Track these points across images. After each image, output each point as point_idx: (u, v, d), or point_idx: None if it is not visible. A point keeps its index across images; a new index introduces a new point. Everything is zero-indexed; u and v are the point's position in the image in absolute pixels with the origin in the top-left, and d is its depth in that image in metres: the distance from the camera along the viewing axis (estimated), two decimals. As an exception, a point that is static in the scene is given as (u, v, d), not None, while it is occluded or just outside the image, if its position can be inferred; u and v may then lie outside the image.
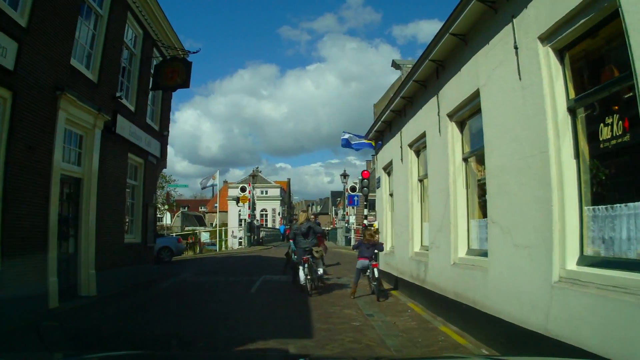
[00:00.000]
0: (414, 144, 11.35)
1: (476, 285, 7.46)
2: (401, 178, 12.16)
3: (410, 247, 11.29)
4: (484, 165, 7.84)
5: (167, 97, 17.61)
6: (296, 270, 13.36)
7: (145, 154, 15.52)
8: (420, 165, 11.40)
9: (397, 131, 12.59)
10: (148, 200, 15.81)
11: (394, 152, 12.87)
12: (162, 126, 17.17)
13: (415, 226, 11.26)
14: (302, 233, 12.03)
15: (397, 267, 12.48)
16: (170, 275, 16.28)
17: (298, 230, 12.19)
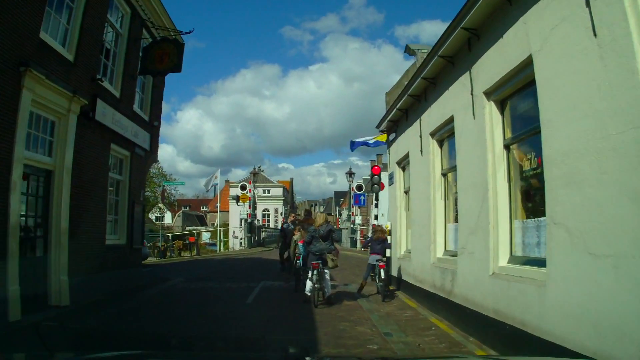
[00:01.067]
0: (437, 132, 9.78)
1: (527, 302, 5.91)
2: (421, 172, 10.58)
3: (432, 251, 9.71)
4: (534, 152, 6.31)
5: (158, 83, 16.05)
6: (299, 277, 11.83)
7: (131, 146, 13.98)
8: (444, 156, 9.83)
9: (415, 119, 11.01)
10: (135, 197, 14.26)
11: (412, 143, 11.30)
12: (153, 116, 15.62)
13: (438, 227, 9.68)
14: (320, 236, 10.49)
15: (414, 274, 10.91)
16: (160, 281, 14.73)
17: (315, 233, 10.58)
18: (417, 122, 10.74)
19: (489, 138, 7.22)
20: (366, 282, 12.04)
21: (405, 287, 11.60)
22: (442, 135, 9.65)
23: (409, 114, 11.63)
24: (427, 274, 9.94)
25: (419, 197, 10.64)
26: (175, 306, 10.48)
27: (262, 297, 11.38)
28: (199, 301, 10.95)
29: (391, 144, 13.77)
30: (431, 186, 9.83)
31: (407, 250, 12.37)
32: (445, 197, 9.71)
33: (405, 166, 12.69)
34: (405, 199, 12.77)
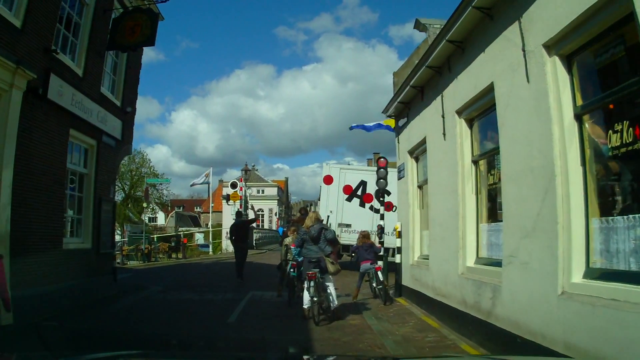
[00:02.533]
0: (466, 109, 7.81)
1: (627, 338, 3.97)
2: (443, 161, 8.60)
3: (460, 259, 7.73)
4: (626, 120, 4.40)
5: (133, 64, 14.02)
6: (292, 288, 9.87)
7: (98, 134, 11.96)
8: (475, 139, 7.86)
9: (434, 96, 9.04)
10: (103, 194, 12.23)
11: (430, 126, 9.33)
12: (126, 101, 13.58)
13: (468, 229, 7.70)
14: (310, 238, 8.90)
15: (434, 286, 8.93)
16: (134, 290, 12.72)
17: (306, 235, 8.97)
18: (438, 99, 8.77)
19: (553, 106, 5.26)
20: (359, 289, 11.17)
21: (422, 301, 9.61)
22: (474, 112, 7.69)
23: (426, 91, 9.65)
24: (452, 287, 7.96)
25: (441, 192, 8.66)
26: (139, 325, 8.47)
27: (248, 314, 9.38)
28: (169, 319, 8.92)
29: (400, 131, 11.78)
30: (459, 177, 7.85)
31: (422, 256, 10.39)
32: (478, 191, 7.74)
33: (419, 155, 10.71)
34: (420, 194, 10.79)
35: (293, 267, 9.87)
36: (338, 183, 17.98)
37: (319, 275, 8.67)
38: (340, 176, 18.10)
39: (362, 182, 18.12)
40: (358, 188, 18.11)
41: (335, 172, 18.30)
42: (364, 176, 18.22)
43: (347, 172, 18.43)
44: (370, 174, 17.90)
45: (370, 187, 17.79)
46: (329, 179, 18.12)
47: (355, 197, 18.05)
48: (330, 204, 17.74)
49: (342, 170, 18.47)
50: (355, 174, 18.41)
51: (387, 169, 12.89)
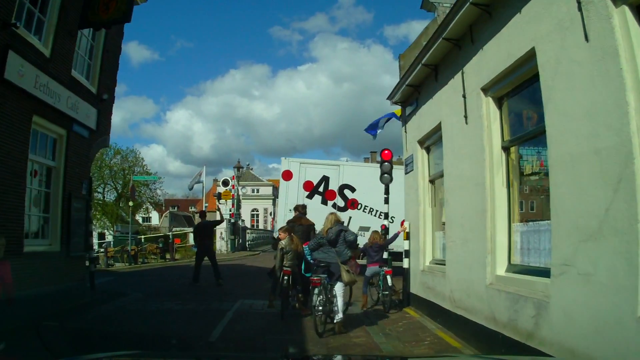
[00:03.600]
0: (495, 86, 6.52)
1: None
2: (464, 148, 7.29)
3: (488, 266, 6.42)
4: None
5: (111, 47, 12.65)
6: (287, 298, 8.56)
7: (68, 122, 10.60)
8: (506, 121, 6.56)
9: (451, 74, 7.74)
10: (73, 190, 10.88)
11: (446, 110, 8.04)
12: (102, 87, 12.21)
13: (499, 229, 6.40)
14: (329, 242, 8.04)
15: (451, 297, 7.63)
16: (110, 298, 11.34)
17: (323, 240, 8.08)
18: (457, 77, 7.47)
19: (627, 67, 3.97)
20: (367, 296, 10.11)
21: (436, 313, 8.32)
22: (505, 88, 6.39)
23: (441, 69, 8.34)
24: (478, 300, 6.65)
25: (462, 185, 7.35)
26: (103, 343, 7.11)
27: (234, 329, 8.03)
28: (140, 337, 7.53)
29: (408, 119, 10.46)
30: (486, 167, 6.54)
31: (435, 261, 9.10)
32: (510, 183, 6.44)
33: (431, 145, 9.41)
34: (432, 190, 9.49)
35: (287, 274, 8.56)
36: (298, 179, 16.51)
37: (326, 282, 7.68)
38: (300, 171, 16.61)
39: (324, 177, 16.60)
40: (320, 184, 16.57)
41: (294, 167, 16.77)
42: (327, 171, 16.75)
43: (308, 167, 16.86)
44: (333, 169, 16.76)
45: (332, 183, 16.51)
46: (288, 175, 16.66)
47: (316, 194, 16.50)
48: (290, 202, 16.05)
49: (302, 165, 16.92)
50: (317, 169, 16.84)
51: (392, 162, 11.54)
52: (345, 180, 16.49)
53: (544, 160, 5.64)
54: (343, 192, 16.47)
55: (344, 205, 16.20)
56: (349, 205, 16.19)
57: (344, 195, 16.45)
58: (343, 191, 16.47)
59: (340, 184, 16.48)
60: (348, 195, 16.42)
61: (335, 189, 16.48)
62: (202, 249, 14.20)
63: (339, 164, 17.17)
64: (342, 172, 16.69)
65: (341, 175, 16.55)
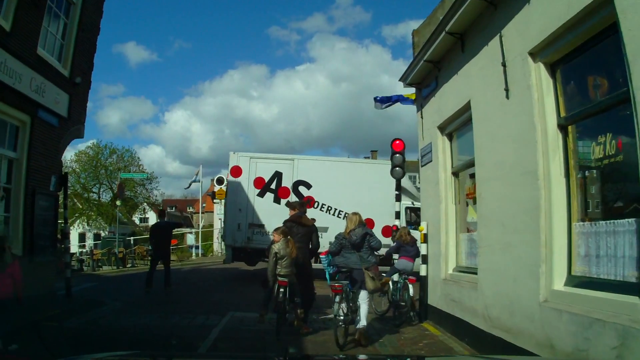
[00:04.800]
0: (548, 47, 5.12)
1: None
2: (506, 129, 5.85)
3: (542, 277, 5.00)
4: None
5: (87, 26, 11.20)
6: (284, 312, 7.13)
7: (32, 107, 9.21)
8: (562, 93, 5.14)
9: (486, 41, 6.31)
10: (38, 185, 9.46)
11: (478, 84, 6.61)
12: (76, 70, 10.79)
13: (556, 231, 4.98)
14: (352, 245, 7.20)
15: (486, 314, 6.19)
16: (84, 309, 9.87)
17: (345, 241, 7.27)
18: (494, 43, 6.05)
19: None
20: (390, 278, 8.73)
21: (463, 332, 6.89)
22: (563, 49, 4.97)
23: (470, 37, 6.91)
24: (527, 320, 5.22)
25: (502, 175, 5.90)
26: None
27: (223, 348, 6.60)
28: None
29: (425, 103, 9.01)
30: (538, 150, 5.12)
31: (460, 268, 7.67)
32: (569, 172, 5.01)
33: (456, 131, 7.97)
34: (455, 184, 8.05)
35: (283, 285, 7.09)
36: (248, 175, 15.05)
37: (349, 289, 6.95)
38: (250, 167, 15.13)
39: (277, 173, 15.11)
40: (272, 181, 15.09)
41: (244, 162, 15.28)
42: (279, 166, 15.24)
43: (259, 162, 15.38)
44: (286, 164, 15.20)
45: (286, 179, 15.02)
46: (236, 171, 15.17)
47: (268, 191, 15.03)
48: (239, 201, 14.81)
49: (252, 159, 15.43)
50: (269, 164, 15.36)
51: (404, 154, 10.10)
52: (300, 176, 15.00)
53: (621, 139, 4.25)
54: (298, 189, 14.98)
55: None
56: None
57: (298, 192, 14.93)
58: (298, 188, 14.98)
59: (295, 180, 15.00)
60: (303, 193, 14.92)
61: (289, 186, 15.00)
62: (158, 252, 12.87)
63: (293, 158, 15.59)
64: (297, 166, 15.15)
65: (296, 170, 15.05)
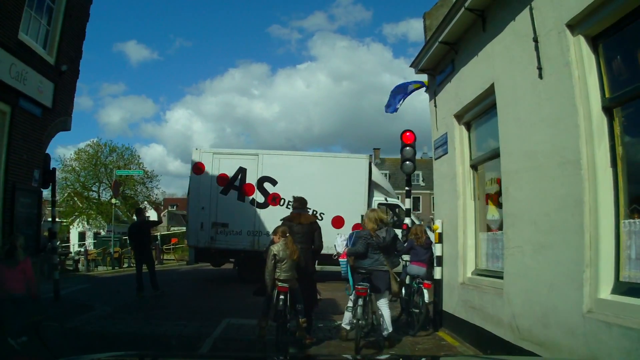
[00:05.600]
0: (590, 19, 4.39)
1: None
2: (541, 113, 5.07)
3: (586, 285, 4.26)
4: None
5: (75, 11, 10.50)
6: (284, 321, 6.41)
7: (11, 96, 8.51)
8: (606, 71, 4.40)
9: (513, 15, 5.56)
10: (19, 180, 8.76)
11: (503, 65, 5.85)
12: (62, 58, 10.09)
13: (603, 230, 4.25)
14: (380, 248, 6.71)
15: (514, 324, 5.46)
16: (70, 314, 9.17)
17: (372, 240, 6.70)
18: (522, 17, 5.32)
19: None
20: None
21: (485, 342, 6.16)
22: (607, 20, 4.24)
23: (492, 13, 6.17)
24: (566, 333, 4.49)
25: (534, 166, 5.13)
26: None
27: None
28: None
29: (439, 90, 8.27)
30: (580, 136, 4.38)
31: (480, 272, 6.93)
32: (615, 161, 4.28)
33: (475, 119, 7.22)
34: (474, 178, 7.30)
35: (283, 291, 6.35)
36: (211, 172, 14.36)
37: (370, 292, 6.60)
38: (213, 163, 14.42)
39: (241, 169, 14.35)
40: (236, 177, 14.33)
41: (207, 158, 14.59)
42: (243, 162, 14.45)
43: (222, 158, 14.66)
44: (250, 159, 14.43)
45: (250, 176, 14.28)
46: (199, 168, 14.45)
47: (232, 188, 14.28)
48: (202, 199, 14.11)
49: (215, 155, 14.72)
50: (232, 160, 14.61)
51: (415, 147, 9.38)
52: (265, 172, 14.25)
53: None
54: (263, 185, 14.25)
55: (264, 201, 14.07)
56: (270, 201, 14.03)
57: (263, 189, 14.22)
58: (263, 185, 14.25)
59: (260, 176, 14.27)
60: (269, 189, 14.20)
61: (254, 183, 14.24)
62: (139, 253, 12.25)
63: (258, 153, 14.82)
64: (262, 162, 14.39)
65: (260, 166, 14.31)
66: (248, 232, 13.98)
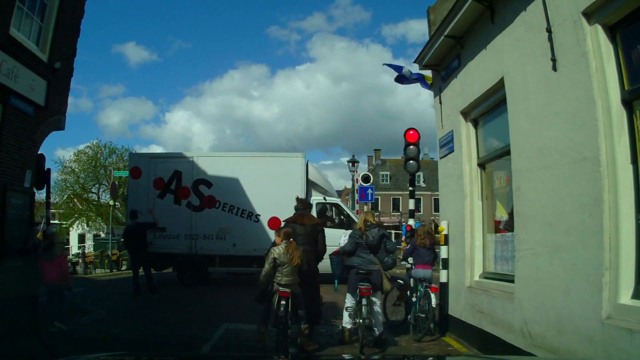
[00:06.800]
0: (608, 6, 4.14)
1: None
2: (555, 107, 4.79)
3: (605, 290, 3.99)
4: None
5: (69, 7, 10.22)
6: (285, 328, 6.13)
7: (2, 93, 8.23)
8: (625, 61, 4.14)
9: (522, 6, 5.29)
10: (10, 181, 8.49)
11: (513, 58, 5.58)
12: (55, 54, 9.81)
13: (623, 232, 3.98)
14: (369, 246, 6.96)
15: (525, 330, 5.19)
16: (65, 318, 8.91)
17: (362, 240, 6.97)
18: (534, 6, 5.06)
19: None
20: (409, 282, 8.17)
21: (494, 349, 5.89)
22: (625, 8, 3.99)
23: (500, 4, 5.90)
24: (583, 340, 4.23)
25: (548, 163, 4.85)
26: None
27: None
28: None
29: (445, 86, 8.00)
30: (599, 131, 4.11)
31: (488, 275, 6.67)
32: (635, 158, 4.02)
33: (482, 116, 6.95)
34: (482, 177, 7.03)
35: (285, 296, 6.06)
36: (148, 176, 14.09)
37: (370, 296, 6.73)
38: (150, 167, 14.19)
39: (177, 172, 14.10)
40: (172, 181, 14.09)
41: (143, 162, 14.43)
42: (179, 165, 14.23)
43: (158, 162, 14.46)
44: (185, 162, 14.25)
45: (186, 179, 14.05)
46: (136, 172, 14.24)
47: (168, 192, 14.04)
48: (140, 204, 13.76)
49: (151, 159, 14.56)
50: (168, 164, 14.39)
51: (419, 145, 9.11)
52: (201, 175, 14.06)
53: None
54: (198, 188, 14.02)
55: (199, 204, 13.82)
56: (205, 203, 13.80)
57: (199, 192, 13.98)
58: (198, 187, 14.02)
59: (195, 179, 14.05)
60: (204, 192, 13.97)
61: (189, 186, 14.00)
62: (135, 256, 12.02)
63: (192, 155, 14.67)
64: (197, 164, 14.20)
65: (196, 169, 14.11)
66: (185, 235, 13.77)
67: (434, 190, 49.13)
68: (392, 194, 61.17)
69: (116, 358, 2.76)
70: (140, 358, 3.11)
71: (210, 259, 13.98)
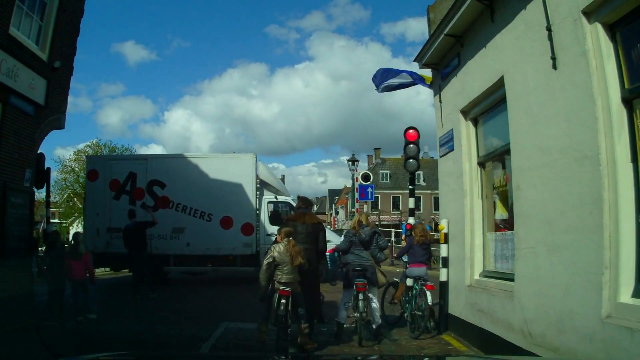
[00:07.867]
0: (607, 5, 4.14)
1: None
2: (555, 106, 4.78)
3: (606, 288, 4.00)
4: None
5: (69, 6, 10.21)
6: (286, 326, 6.14)
7: (2, 92, 8.23)
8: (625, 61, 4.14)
9: (523, 4, 5.29)
10: (10, 180, 8.49)
11: (514, 56, 5.58)
12: (55, 54, 9.81)
13: (623, 230, 3.99)
14: (361, 243, 7.29)
15: (525, 329, 5.20)
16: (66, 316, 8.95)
17: (355, 238, 7.34)
18: (534, 5, 5.06)
19: None
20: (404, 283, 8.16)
21: (494, 348, 5.90)
22: (625, 7, 3.98)
23: (500, 3, 5.89)
24: (582, 339, 4.24)
25: (548, 162, 4.84)
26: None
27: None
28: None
29: (445, 85, 7.99)
30: (599, 129, 4.11)
31: (488, 274, 6.67)
32: (635, 156, 4.02)
33: (482, 115, 6.94)
34: (482, 175, 7.03)
35: (285, 295, 6.06)
36: (104, 178, 14.37)
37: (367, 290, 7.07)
38: (106, 169, 14.52)
39: (132, 174, 14.38)
40: (127, 182, 14.36)
41: (100, 164, 14.88)
42: (133, 166, 14.58)
43: (114, 164, 14.90)
44: (139, 164, 14.57)
45: (140, 180, 14.28)
46: (93, 175, 14.58)
47: (124, 193, 14.33)
48: (97, 205, 14.14)
49: (107, 162, 15.07)
50: (123, 165, 14.79)
51: (418, 144, 9.11)
52: (155, 176, 14.28)
53: None
54: (152, 189, 14.24)
55: (154, 205, 13.89)
56: (159, 204, 13.96)
57: (153, 193, 14.20)
58: (152, 188, 14.24)
59: (149, 180, 14.26)
60: (158, 193, 14.19)
61: (144, 187, 14.21)
62: (135, 256, 12.03)
63: (147, 157, 15.06)
64: (150, 165, 14.46)
65: (149, 170, 14.35)
66: None
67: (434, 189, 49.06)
68: (392, 193, 61.19)
69: (116, 358, 2.75)
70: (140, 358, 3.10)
71: (165, 258, 14.13)
